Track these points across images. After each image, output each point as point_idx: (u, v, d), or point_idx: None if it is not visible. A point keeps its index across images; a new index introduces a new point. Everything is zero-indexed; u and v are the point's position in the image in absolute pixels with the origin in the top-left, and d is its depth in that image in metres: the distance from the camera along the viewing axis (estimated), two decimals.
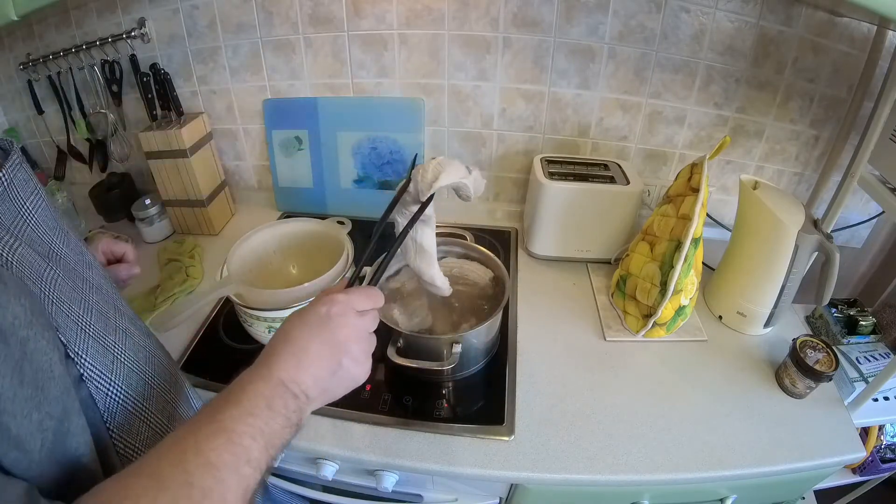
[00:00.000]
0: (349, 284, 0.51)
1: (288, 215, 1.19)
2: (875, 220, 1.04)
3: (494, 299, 0.79)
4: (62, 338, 0.36)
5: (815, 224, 0.76)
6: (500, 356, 0.82)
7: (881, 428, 1.00)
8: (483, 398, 0.76)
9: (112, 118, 1.10)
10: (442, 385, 0.78)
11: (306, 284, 0.73)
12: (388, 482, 0.73)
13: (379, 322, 0.50)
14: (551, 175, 0.95)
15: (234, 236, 0.89)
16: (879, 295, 1.11)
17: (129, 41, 1.02)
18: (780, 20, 0.87)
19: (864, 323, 0.88)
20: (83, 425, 0.35)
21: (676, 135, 1.03)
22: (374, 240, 0.56)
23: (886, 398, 0.83)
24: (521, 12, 0.92)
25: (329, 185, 1.16)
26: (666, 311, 0.80)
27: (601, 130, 1.05)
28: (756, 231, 0.81)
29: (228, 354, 0.84)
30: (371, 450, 0.69)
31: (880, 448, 1.01)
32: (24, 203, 0.38)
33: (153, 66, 1.05)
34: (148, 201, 1.10)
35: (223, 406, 0.38)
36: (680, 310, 0.82)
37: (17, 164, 0.38)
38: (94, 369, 0.38)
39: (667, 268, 0.79)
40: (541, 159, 1.00)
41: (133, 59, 1.03)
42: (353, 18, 0.97)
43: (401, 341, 0.72)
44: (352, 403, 0.75)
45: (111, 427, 0.39)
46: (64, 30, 1.06)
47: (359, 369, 0.46)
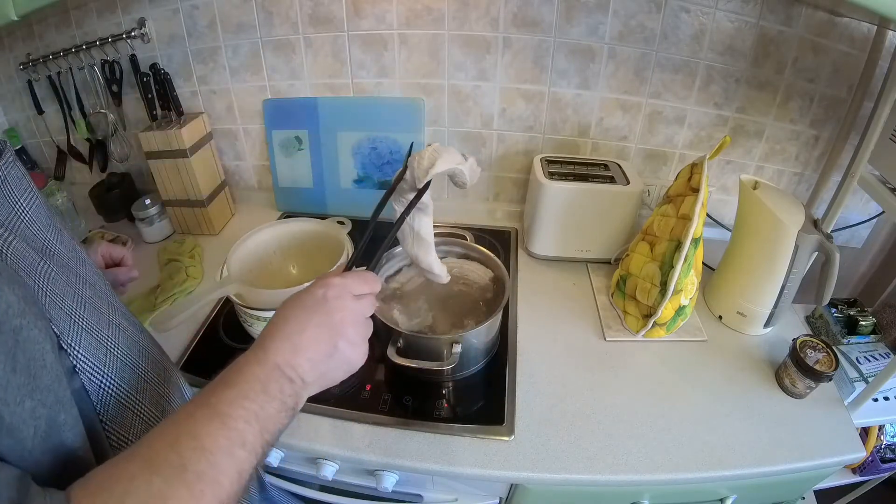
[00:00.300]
0: (346, 269, 0.51)
1: (288, 215, 1.19)
2: (875, 220, 1.04)
3: (494, 299, 0.79)
4: (55, 329, 0.36)
5: (815, 224, 0.76)
6: (500, 356, 0.82)
7: (881, 428, 1.00)
8: (483, 398, 0.76)
9: (112, 118, 1.10)
10: (442, 385, 0.78)
11: (306, 284, 0.73)
12: (388, 482, 0.73)
13: (376, 312, 0.50)
14: (551, 175, 0.95)
15: (234, 236, 0.89)
16: (879, 295, 1.11)
17: (129, 41, 1.02)
18: (780, 20, 0.87)
19: (864, 323, 0.88)
20: (75, 415, 0.35)
21: (676, 135, 1.03)
22: (369, 231, 0.56)
23: (886, 398, 0.83)
24: (521, 12, 0.92)
25: (329, 185, 1.16)
26: (666, 311, 0.80)
27: (601, 130, 1.05)
28: (756, 231, 0.81)
29: (228, 354, 0.82)
30: (371, 450, 0.69)
31: (880, 448, 1.01)
32: (19, 200, 0.39)
33: (153, 66, 1.05)
34: (148, 201, 1.10)
35: (218, 389, 0.38)
36: (680, 310, 0.82)
37: (10, 162, 0.39)
38: (86, 361, 0.38)
39: (667, 268, 0.79)
40: (541, 159, 1.00)
41: (133, 59, 1.03)
42: (353, 18, 0.97)
43: (401, 341, 0.72)
44: (352, 403, 0.75)
45: (104, 419, 0.39)
46: (64, 30, 1.06)
47: (355, 353, 0.46)
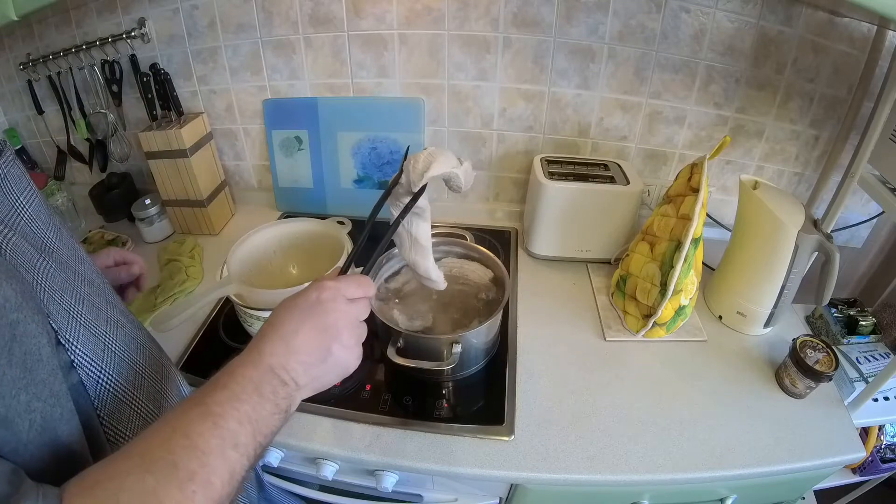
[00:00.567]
0: (342, 272, 0.52)
1: (288, 215, 1.19)
2: (875, 220, 1.04)
3: (494, 299, 0.79)
4: (53, 325, 0.36)
5: (815, 224, 0.76)
6: (500, 356, 0.82)
7: (881, 428, 1.00)
8: (483, 398, 0.76)
9: (112, 118, 1.10)
10: (442, 385, 0.78)
11: (306, 285, 0.73)
12: (388, 482, 0.73)
13: (376, 313, 0.50)
14: (551, 175, 0.95)
15: (234, 236, 0.89)
16: (879, 295, 1.11)
17: (129, 41, 1.02)
18: (780, 20, 0.87)
19: (864, 323, 0.88)
20: (71, 410, 0.36)
21: (676, 135, 1.03)
22: (364, 233, 0.56)
23: (886, 398, 0.83)
24: (521, 12, 0.92)
25: (329, 185, 1.16)
26: (666, 311, 0.80)
27: (601, 130, 1.05)
28: (756, 231, 0.81)
29: (228, 354, 0.82)
30: (371, 450, 0.69)
31: (880, 448, 1.01)
32: (18, 197, 0.39)
33: (153, 66, 1.05)
34: (148, 201, 1.10)
35: (211, 390, 0.38)
36: (680, 310, 0.82)
37: (10, 160, 0.39)
38: (84, 356, 0.39)
39: (667, 268, 0.79)
40: (541, 159, 1.00)
41: (133, 59, 1.04)
42: (353, 18, 0.97)
43: (401, 341, 0.72)
44: (352, 403, 0.75)
45: (101, 414, 0.40)
46: (64, 30, 1.06)
47: (349, 356, 0.47)
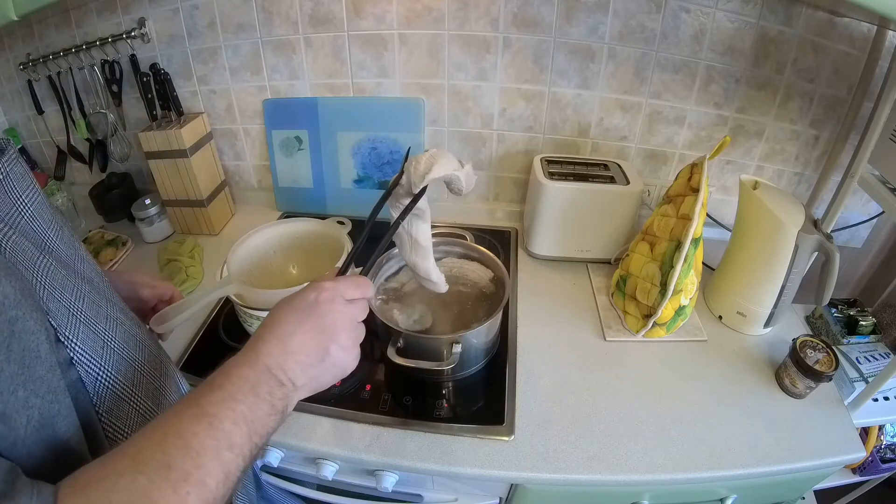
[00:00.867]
0: (340, 273, 0.52)
1: (288, 215, 1.19)
2: (875, 220, 1.04)
3: (494, 299, 0.79)
4: (53, 322, 0.37)
5: (815, 224, 0.76)
6: (500, 356, 0.82)
7: (881, 428, 1.00)
8: (483, 398, 0.76)
9: (112, 118, 1.10)
10: (442, 385, 0.78)
11: (306, 285, 0.73)
12: (388, 482, 0.73)
13: (376, 313, 0.50)
14: (551, 175, 0.95)
15: (234, 236, 0.89)
16: (879, 295, 1.11)
17: (129, 41, 1.02)
18: (780, 20, 0.87)
19: (864, 323, 0.88)
20: (70, 406, 0.36)
21: (676, 135, 1.03)
22: (364, 234, 0.56)
23: (886, 398, 0.83)
24: (521, 12, 0.92)
25: (329, 185, 1.16)
26: (666, 311, 0.80)
27: (601, 130, 1.05)
28: (756, 231, 0.81)
29: (228, 354, 0.83)
30: (371, 450, 0.69)
31: (880, 448, 1.01)
32: (20, 196, 0.39)
33: (153, 66, 1.05)
34: (148, 201, 1.10)
35: (206, 391, 0.38)
36: (680, 310, 0.82)
37: (13, 158, 0.39)
38: (84, 353, 0.39)
39: (667, 268, 0.79)
40: (541, 159, 1.00)
41: (133, 59, 1.04)
42: (353, 18, 0.97)
43: (401, 341, 0.72)
44: (352, 403, 0.75)
45: (100, 411, 0.40)
46: (64, 30, 1.06)
47: (347, 357, 0.47)
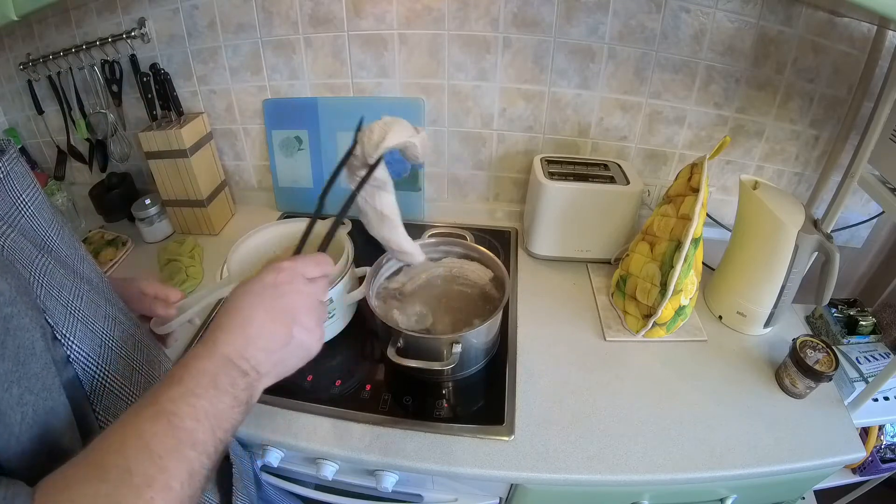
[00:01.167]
0: (296, 252, 0.50)
1: (288, 215, 1.19)
2: (875, 220, 1.04)
3: (494, 299, 0.79)
4: (49, 320, 0.36)
5: (815, 224, 0.76)
6: (500, 356, 0.82)
7: (881, 428, 1.00)
8: (483, 398, 0.76)
9: (112, 118, 1.10)
10: (442, 385, 0.78)
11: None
12: (388, 482, 0.73)
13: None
14: (551, 175, 0.95)
15: (234, 236, 0.89)
16: (879, 295, 1.11)
17: (129, 41, 1.02)
18: (780, 20, 0.87)
19: (864, 323, 0.88)
20: (65, 404, 0.36)
21: (676, 135, 1.03)
22: (318, 207, 0.56)
23: (886, 398, 0.83)
24: (521, 12, 0.92)
25: None
26: (666, 311, 0.80)
27: (601, 130, 1.05)
28: (756, 231, 0.81)
29: None
30: (371, 450, 0.69)
31: (880, 448, 1.01)
32: (21, 195, 0.39)
33: (153, 66, 1.05)
34: (148, 201, 1.10)
35: (166, 387, 0.35)
36: (680, 310, 0.82)
37: (13, 158, 0.39)
38: (81, 352, 0.39)
39: (667, 268, 0.79)
40: (541, 159, 1.00)
41: (133, 59, 1.04)
42: (353, 18, 0.97)
43: (401, 341, 0.72)
44: (352, 403, 0.75)
45: (97, 409, 0.40)
46: (64, 30, 1.06)
47: (311, 338, 0.45)
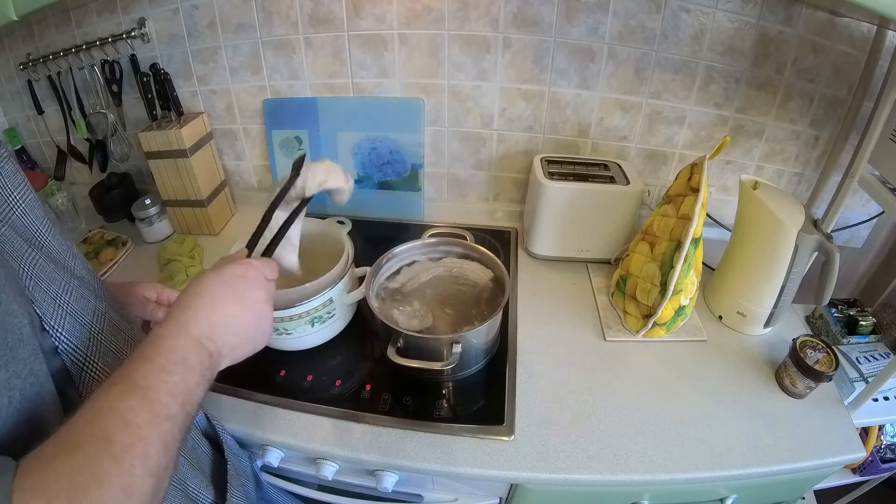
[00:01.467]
0: (249, 246, 0.59)
1: None
2: (875, 220, 1.04)
3: (494, 299, 0.79)
4: (38, 310, 0.37)
5: (815, 224, 0.76)
6: (500, 356, 0.82)
7: (881, 428, 1.00)
8: (483, 398, 0.76)
9: (112, 118, 1.10)
10: (442, 385, 0.78)
11: (307, 284, 0.73)
12: (388, 482, 0.73)
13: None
14: (551, 175, 0.95)
15: (234, 236, 0.89)
16: (879, 295, 1.11)
17: (129, 41, 1.02)
18: (780, 20, 0.87)
19: (864, 323, 0.88)
20: (52, 391, 0.36)
21: (676, 135, 1.03)
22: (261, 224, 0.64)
23: (886, 398, 0.83)
24: (521, 12, 0.92)
25: None
26: (666, 311, 0.80)
27: (601, 130, 1.05)
28: (756, 231, 0.81)
29: None
30: (371, 450, 0.69)
31: (880, 448, 1.01)
32: (12, 192, 0.40)
33: (153, 66, 1.05)
34: (148, 201, 1.10)
35: (135, 365, 0.37)
36: (680, 310, 0.82)
37: (4, 157, 0.40)
38: (69, 343, 0.39)
39: (667, 268, 0.79)
40: (541, 159, 1.00)
41: (133, 59, 1.04)
42: (353, 18, 0.97)
43: (401, 341, 0.72)
44: (352, 403, 0.75)
45: (86, 399, 0.40)
46: (64, 30, 1.06)
47: (267, 331, 0.50)
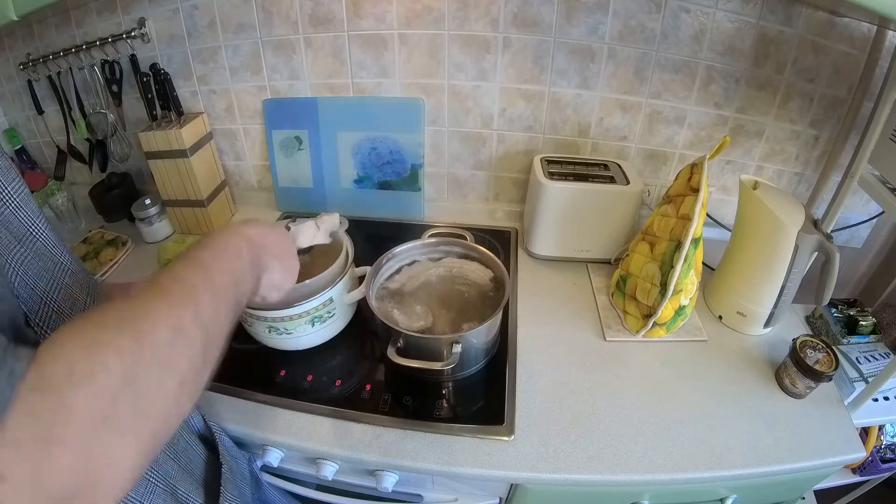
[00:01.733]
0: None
1: (288, 215, 1.19)
2: (875, 220, 1.04)
3: (494, 299, 0.79)
4: (23, 306, 0.38)
5: (815, 224, 0.76)
6: (500, 356, 0.82)
7: (881, 428, 1.00)
8: (483, 398, 0.76)
9: (112, 118, 1.10)
10: (442, 385, 0.78)
11: (307, 281, 0.73)
12: (388, 482, 0.73)
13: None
14: (551, 175, 0.95)
15: None
16: (879, 295, 1.11)
17: (129, 41, 1.02)
18: (780, 20, 0.87)
19: (864, 323, 0.88)
20: None
21: (676, 135, 1.03)
22: None
23: (886, 398, 0.83)
24: (521, 12, 0.92)
25: (329, 185, 1.16)
26: (666, 311, 0.80)
27: (601, 130, 1.05)
28: (756, 231, 0.81)
29: (228, 354, 0.83)
30: (371, 450, 0.69)
31: (880, 448, 1.01)
32: (6, 188, 0.40)
33: (153, 66, 1.05)
34: (148, 201, 1.10)
35: (193, 251, 0.42)
36: (680, 310, 0.82)
37: None
38: None
39: (667, 268, 0.79)
40: (541, 159, 1.00)
41: (133, 59, 1.04)
42: (353, 18, 0.97)
43: (401, 341, 0.72)
44: (352, 403, 0.75)
45: None
46: (64, 30, 1.06)
47: (295, 271, 0.60)
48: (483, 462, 0.68)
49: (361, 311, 0.87)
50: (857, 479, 1.07)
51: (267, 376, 0.79)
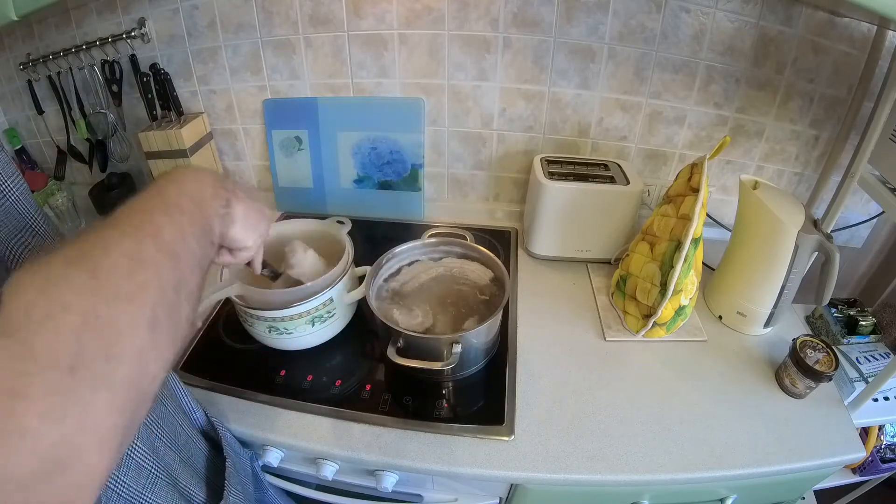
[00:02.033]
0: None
1: (288, 215, 1.19)
2: (875, 220, 1.04)
3: (494, 299, 0.79)
4: None
5: (815, 224, 0.76)
6: (500, 356, 0.82)
7: (881, 428, 1.00)
8: (483, 398, 0.76)
9: (112, 118, 1.10)
10: (442, 385, 0.78)
11: (308, 283, 0.73)
12: (388, 482, 0.73)
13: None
14: (551, 175, 0.95)
15: None
16: (879, 295, 1.11)
17: (129, 41, 1.02)
18: (780, 20, 0.87)
19: (864, 323, 0.88)
20: None
21: (676, 135, 1.03)
22: None
23: (886, 398, 0.83)
24: (521, 12, 0.92)
25: (329, 185, 1.16)
26: (666, 311, 0.80)
27: (601, 130, 1.05)
28: (756, 231, 0.81)
29: (228, 354, 0.84)
30: (371, 450, 0.69)
31: (880, 448, 1.01)
32: (6, 181, 0.40)
33: (153, 66, 1.05)
34: None
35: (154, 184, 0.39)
36: (680, 310, 0.82)
37: None
38: None
39: (667, 268, 0.79)
40: (541, 159, 1.00)
41: (133, 59, 1.03)
42: (353, 18, 0.97)
43: (401, 341, 0.72)
44: (352, 403, 0.75)
45: None
46: (64, 30, 1.06)
47: (271, 219, 0.53)
48: (483, 462, 0.68)
49: (361, 311, 0.87)
50: (857, 479, 1.07)
51: (267, 376, 0.79)
